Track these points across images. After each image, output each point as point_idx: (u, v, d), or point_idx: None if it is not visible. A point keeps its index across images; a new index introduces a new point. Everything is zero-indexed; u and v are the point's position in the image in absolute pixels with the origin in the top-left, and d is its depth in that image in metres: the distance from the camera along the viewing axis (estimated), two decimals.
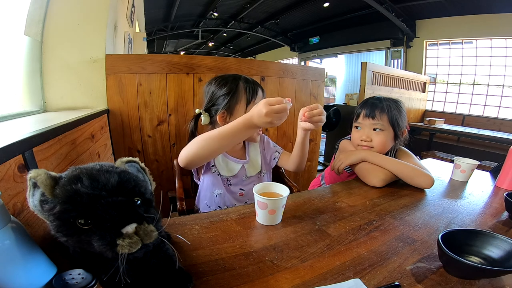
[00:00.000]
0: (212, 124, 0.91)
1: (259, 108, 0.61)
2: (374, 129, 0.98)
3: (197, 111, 0.92)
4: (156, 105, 1.52)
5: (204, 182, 0.92)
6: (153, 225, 0.33)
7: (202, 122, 0.90)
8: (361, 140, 0.99)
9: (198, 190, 0.96)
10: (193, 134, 0.91)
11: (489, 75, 4.41)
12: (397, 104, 1.01)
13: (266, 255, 0.50)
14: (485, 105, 4.38)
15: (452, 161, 1.05)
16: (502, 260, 0.46)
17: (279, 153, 1.02)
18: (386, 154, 1.03)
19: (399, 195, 0.83)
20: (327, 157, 3.87)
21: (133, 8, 2.49)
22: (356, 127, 1.02)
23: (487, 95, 4.41)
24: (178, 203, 0.93)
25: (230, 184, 0.94)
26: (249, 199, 0.96)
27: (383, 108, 0.97)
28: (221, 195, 0.93)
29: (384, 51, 5.96)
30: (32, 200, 0.33)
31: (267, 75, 1.80)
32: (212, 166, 0.91)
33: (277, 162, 1.02)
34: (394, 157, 1.02)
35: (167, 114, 1.55)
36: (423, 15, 4.99)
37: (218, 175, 0.91)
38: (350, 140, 1.09)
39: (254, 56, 11.82)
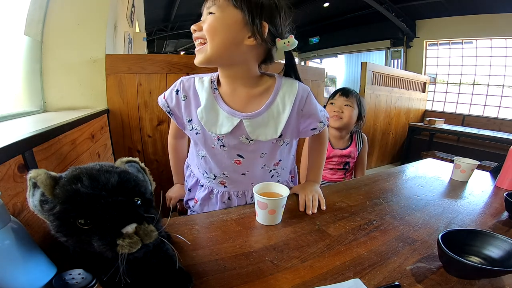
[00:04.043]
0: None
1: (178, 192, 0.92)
2: (345, 105, 1.24)
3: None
4: (156, 105, 1.51)
5: (193, 153, 0.78)
6: (153, 225, 0.33)
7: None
8: (334, 111, 1.23)
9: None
10: None
11: (489, 75, 4.41)
12: (361, 97, 1.31)
13: (266, 255, 0.50)
14: (485, 105, 4.38)
15: (452, 161, 1.05)
16: (502, 260, 0.46)
17: (324, 124, 0.73)
18: (351, 136, 1.31)
19: (399, 195, 0.83)
20: None
21: (133, 8, 2.49)
22: (331, 103, 1.28)
23: (487, 95, 4.41)
24: (178, 203, 0.93)
25: (223, 146, 0.68)
26: (248, 172, 0.73)
27: (354, 93, 1.28)
28: (206, 158, 0.73)
29: (384, 51, 5.96)
30: (32, 200, 0.33)
31: None
32: (189, 121, 0.69)
33: (313, 134, 0.74)
34: (362, 141, 1.31)
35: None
36: (423, 15, 4.99)
37: (197, 133, 0.69)
38: None
39: None
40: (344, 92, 1.27)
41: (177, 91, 0.69)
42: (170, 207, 0.90)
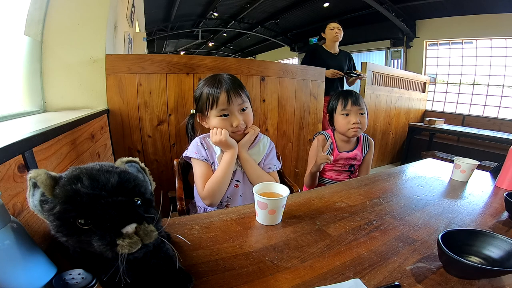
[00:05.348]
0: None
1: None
2: (360, 114, 1.20)
3: (192, 111, 0.99)
4: (156, 105, 1.52)
5: None
6: (153, 225, 0.33)
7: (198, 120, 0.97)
8: (353, 124, 1.19)
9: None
10: (193, 131, 1.01)
11: (489, 75, 4.41)
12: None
13: (266, 255, 0.50)
14: (485, 105, 4.38)
15: (452, 161, 1.05)
16: (502, 260, 0.46)
17: (272, 169, 0.98)
18: (357, 138, 1.29)
19: (399, 195, 0.83)
20: None
21: (133, 8, 2.49)
22: (346, 114, 1.21)
23: (487, 95, 4.40)
24: (178, 203, 0.93)
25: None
26: (243, 193, 0.95)
27: (360, 97, 1.23)
28: None
29: (384, 51, 5.96)
30: (32, 200, 0.33)
31: (267, 75, 1.80)
32: (212, 163, 0.92)
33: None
34: (368, 144, 1.30)
35: (167, 114, 1.55)
36: (423, 15, 4.99)
37: (214, 169, 0.92)
38: (322, 134, 1.28)
39: (254, 56, 11.82)
40: (356, 100, 1.20)
41: (201, 143, 0.93)
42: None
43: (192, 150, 0.92)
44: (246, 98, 0.91)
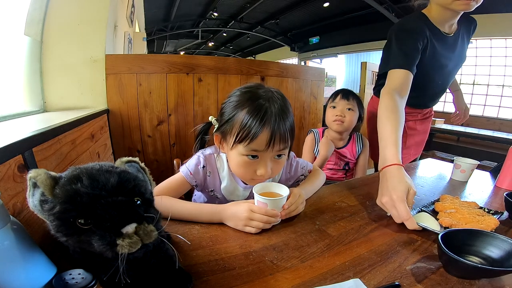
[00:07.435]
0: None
1: (239, 211, 0.58)
2: (347, 109, 1.23)
3: (210, 118, 0.76)
4: (156, 105, 1.52)
5: (201, 198, 0.85)
6: (153, 225, 0.33)
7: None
8: (336, 116, 1.23)
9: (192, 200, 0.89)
10: (202, 140, 0.81)
11: (489, 75, 4.41)
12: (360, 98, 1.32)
13: (266, 255, 0.50)
14: (485, 105, 4.39)
15: (452, 161, 1.05)
16: (502, 260, 0.46)
17: (305, 176, 0.88)
18: (350, 136, 1.32)
19: None
20: None
21: (133, 8, 2.49)
22: (333, 106, 1.26)
23: (487, 95, 4.41)
24: None
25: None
26: None
27: (354, 94, 1.27)
28: None
29: None
30: (32, 200, 0.33)
31: (267, 75, 1.80)
32: (211, 191, 0.78)
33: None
34: (362, 143, 1.32)
35: (167, 114, 1.55)
36: None
37: (216, 197, 0.79)
38: (312, 132, 1.34)
39: (254, 56, 11.83)
40: (345, 94, 1.25)
41: (203, 167, 0.74)
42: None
43: (188, 169, 0.73)
44: (289, 143, 0.69)
